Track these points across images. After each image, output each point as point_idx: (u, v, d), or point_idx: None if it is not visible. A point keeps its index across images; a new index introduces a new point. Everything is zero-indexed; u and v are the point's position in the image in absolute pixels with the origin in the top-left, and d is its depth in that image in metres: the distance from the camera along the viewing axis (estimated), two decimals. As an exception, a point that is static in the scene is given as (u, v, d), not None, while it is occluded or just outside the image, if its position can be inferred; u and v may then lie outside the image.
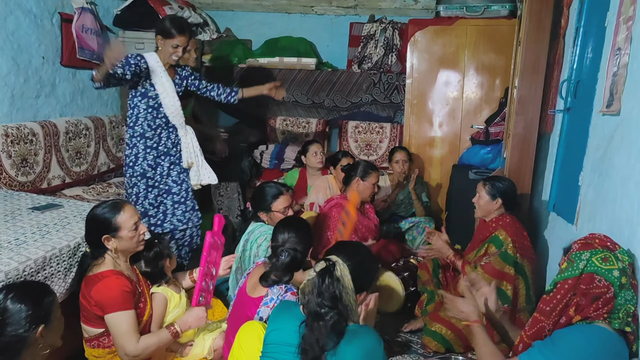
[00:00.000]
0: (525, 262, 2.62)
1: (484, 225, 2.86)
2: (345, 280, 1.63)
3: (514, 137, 3.21)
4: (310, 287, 1.65)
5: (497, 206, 2.78)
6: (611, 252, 1.57)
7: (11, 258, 2.02)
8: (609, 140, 2.09)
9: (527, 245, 2.70)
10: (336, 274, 1.63)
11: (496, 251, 2.65)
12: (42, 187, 3.52)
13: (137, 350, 2.01)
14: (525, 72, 3.12)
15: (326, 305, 1.59)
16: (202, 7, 5.20)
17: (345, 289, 1.63)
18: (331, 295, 1.60)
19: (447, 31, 4.23)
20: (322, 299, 1.60)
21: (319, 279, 1.63)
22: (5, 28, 3.41)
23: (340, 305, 1.60)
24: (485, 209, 2.82)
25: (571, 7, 2.93)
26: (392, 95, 4.71)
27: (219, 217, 2.27)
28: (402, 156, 4.08)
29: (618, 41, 2.03)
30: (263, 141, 5.04)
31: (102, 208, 2.15)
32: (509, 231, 2.66)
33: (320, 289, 1.61)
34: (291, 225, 2.26)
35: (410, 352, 2.73)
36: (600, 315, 1.53)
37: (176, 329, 2.12)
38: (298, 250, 2.16)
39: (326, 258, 1.70)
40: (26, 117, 3.63)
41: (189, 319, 2.15)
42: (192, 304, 2.15)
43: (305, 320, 1.63)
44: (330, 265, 1.65)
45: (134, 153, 3.20)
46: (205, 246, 2.16)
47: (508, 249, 2.61)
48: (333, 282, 1.62)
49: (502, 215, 2.78)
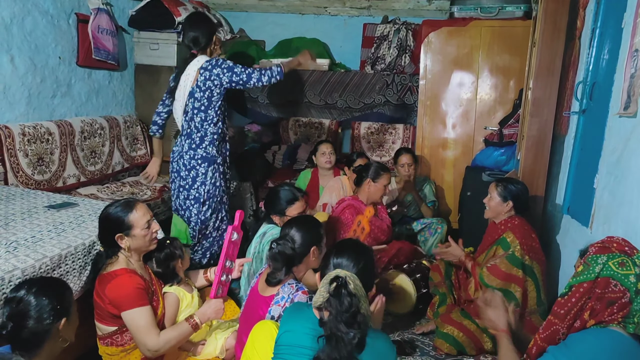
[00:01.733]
0: (534, 264, 2.61)
1: (493, 227, 2.85)
2: (359, 292, 1.60)
3: (528, 139, 3.18)
4: (326, 307, 1.60)
5: (508, 209, 2.76)
6: (629, 256, 1.55)
7: (28, 255, 2.05)
8: (625, 143, 2.06)
9: (536, 247, 2.68)
10: (350, 289, 1.58)
11: (503, 253, 2.64)
12: (57, 185, 3.56)
13: (159, 345, 2.03)
14: (540, 74, 3.10)
15: (347, 325, 1.55)
16: (216, 7, 5.23)
17: (362, 299, 1.60)
18: (351, 312, 1.55)
19: (461, 32, 4.21)
20: (342, 320, 1.55)
21: (336, 301, 1.57)
22: (22, 28, 3.46)
23: (359, 317, 1.56)
24: (496, 210, 2.80)
25: (587, 8, 2.90)
26: (405, 97, 4.70)
27: (240, 212, 2.30)
28: (407, 159, 4.01)
29: (635, 42, 2.01)
30: (276, 141, 5.05)
31: (115, 207, 2.17)
32: (516, 233, 2.66)
33: (338, 309, 1.56)
34: (294, 222, 2.26)
35: (422, 354, 2.72)
36: (614, 319, 1.52)
37: (196, 320, 2.13)
38: (289, 243, 2.13)
39: (335, 277, 1.63)
40: (42, 117, 3.68)
41: (208, 311, 2.17)
42: (211, 296, 2.18)
43: (325, 336, 1.58)
44: (342, 283, 1.59)
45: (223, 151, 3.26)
46: (225, 240, 2.18)
47: (516, 251, 2.60)
48: (351, 298, 1.56)
49: (511, 217, 2.77)
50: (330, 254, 1.82)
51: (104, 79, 4.34)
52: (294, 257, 2.13)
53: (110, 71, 4.38)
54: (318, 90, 4.86)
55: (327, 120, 4.96)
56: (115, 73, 4.46)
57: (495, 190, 2.80)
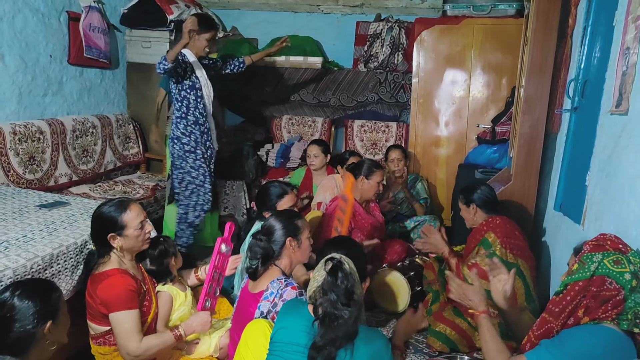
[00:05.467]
0: (520, 261, 2.62)
1: (475, 230, 2.89)
2: (354, 274, 1.64)
3: (520, 137, 3.19)
4: (323, 287, 1.64)
5: (474, 212, 2.85)
6: (623, 254, 1.56)
7: (19, 255, 2.04)
8: (617, 140, 2.08)
9: (521, 244, 2.69)
10: (346, 268, 1.64)
11: (484, 252, 2.67)
12: (49, 184, 3.54)
13: (139, 350, 2.01)
14: (532, 72, 3.11)
15: (342, 304, 1.58)
16: (208, 5, 5.21)
17: (356, 283, 1.64)
18: (346, 291, 1.60)
19: (454, 30, 4.22)
20: (338, 298, 1.59)
21: (332, 278, 1.62)
22: (13, 26, 3.43)
23: (353, 302, 1.60)
24: (467, 218, 2.91)
25: (579, 6, 2.92)
26: (398, 94, 4.70)
27: (230, 224, 2.28)
28: (397, 154, 4.03)
29: (627, 40, 2.02)
30: (269, 140, 5.04)
31: (109, 207, 2.15)
32: (497, 232, 2.69)
33: (334, 287, 1.60)
34: (272, 215, 2.33)
35: (415, 351, 2.72)
36: (608, 316, 1.52)
37: (180, 332, 2.11)
38: (261, 235, 2.16)
39: (330, 257, 1.69)
40: (34, 115, 3.65)
41: (194, 324, 2.14)
42: (198, 308, 2.15)
43: (319, 319, 1.61)
44: (338, 263, 1.65)
45: (193, 139, 3.45)
46: (214, 252, 2.16)
47: (496, 250, 2.63)
48: (346, 277, 1.62)
49: (490, 218, 2.80)
50: (323, 250, 1.87)
51: (96, 77, 4.32)
52: (267, 249, 2.14)
53: (102, 69, 4.35)
54: (311, 88, 4.86)
55: (320, 119, 4.95)
56: (107, 71, 4.43)
57: (459, 200, 2.94)
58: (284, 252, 2.17)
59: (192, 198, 3.49)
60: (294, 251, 2.18)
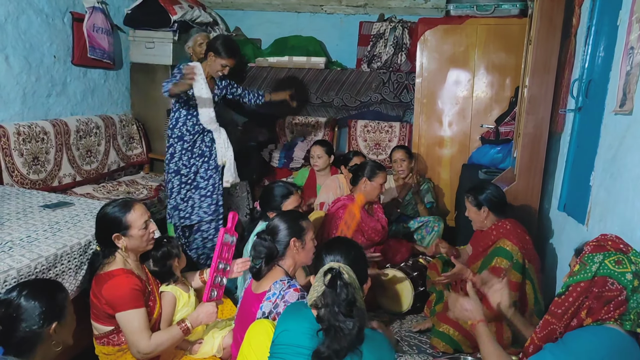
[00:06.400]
0: (531, 266, 2.60)
1: (481, 235, 2.81)
2: (354, 283, 1.62)
3: (524, 137, 3.18)
4: (323, 300, 1.61)
5: (485, 215, 2.74)
6: (624, 254, 1.55)
7: (23, 255, 2.04)
8: (621, 140, 2.07)
9: (530, 248, 2.66)
10: (345, 278, 1.60)
11: (509, 264, 2.55)
12: (53, 185, 3.55)
13: (150, 347, 2.03)
14: (536, 71, 3.10)
15: (345, 315, 1.56)
16: (211, 6, 5.21)
17: (357, 291, 1.62)
18: (347, 302, 1.57)
19: (457, 30, 4.21)
20: (340, 310, 1.56)
21: (332, 291, 1.59)
22: (17, 27, 3.44)
23: (356, 310, 1.57)
24: (477, 220, 2.80)
25: (583, 6, 2.91)
26: (402, 95, 4.70)
27: (233, 213, 2.29)
28: (400, 155, 4.02)
29: (631, 40, 2.01)
30: (272, 140, 5.04)
31: (113, 207, 2.16)
32: (513, 239, 2.59)
33: (335, 299, 1.57)
34: (276, 215, 2.32)
35: (419, 351, 2.72)
36: (611, 317, 1.52)
37: (187, 325, 2.12)
38: (266, 235, 2.17)
39: (329, 269, 1.65)
40: (38, 116, 3.67)
41: (200, 315, 2.16)
42: (204, 300, 2.17)
43: (324, 329, 1.59)
44: (337, 273, 1.62)
45: (170, 152, 3.43)
46: (217, 242, 2.17)
47: (519, 259, 2.55)
48: (346, 287, 1.58)
49: (500, 222, 2.72)
50: (320, 253, 1.84)
51: (100, 77, 4.33)
52: (271, 248, 2.14)
53: (105, 70, 4.37)
54: (314, 88, 4.86)
55: (324, 119, 4.95)
56: (111, 72, 4.45)
57: (467, 201, 2.81)
58: (288, 253, 2.17)
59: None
60: (297, 252, 2.18)
